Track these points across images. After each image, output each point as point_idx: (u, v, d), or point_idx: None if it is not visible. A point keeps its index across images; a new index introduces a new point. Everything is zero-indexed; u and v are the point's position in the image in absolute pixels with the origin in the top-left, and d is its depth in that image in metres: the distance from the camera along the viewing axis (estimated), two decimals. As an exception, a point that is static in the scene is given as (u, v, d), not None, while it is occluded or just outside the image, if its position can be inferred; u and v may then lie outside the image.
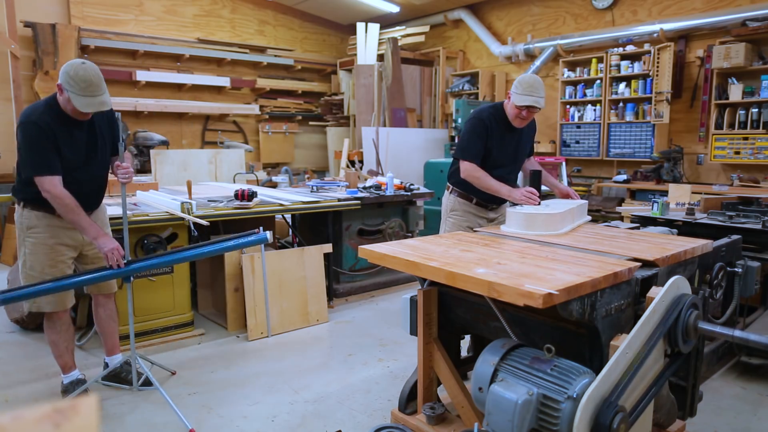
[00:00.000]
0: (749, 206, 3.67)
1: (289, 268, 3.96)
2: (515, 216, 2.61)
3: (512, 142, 3.11)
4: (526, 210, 2.61)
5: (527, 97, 2.87)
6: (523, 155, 3.27)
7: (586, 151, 7.06)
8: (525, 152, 3.27)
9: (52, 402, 0.47)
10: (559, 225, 2.55)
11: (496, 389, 1.70)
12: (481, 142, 3.01)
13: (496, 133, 3.03)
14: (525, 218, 2.57)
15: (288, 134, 9.11)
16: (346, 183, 5.17)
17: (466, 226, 3.13)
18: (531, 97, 2.87)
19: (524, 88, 2.88)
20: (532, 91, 2.87)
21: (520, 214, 2.59)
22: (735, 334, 1.78)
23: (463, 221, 3.20)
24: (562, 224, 2.57)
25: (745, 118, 5.66)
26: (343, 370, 3.25)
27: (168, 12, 8.03)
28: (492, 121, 3.02)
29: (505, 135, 3.07)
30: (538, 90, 2.88)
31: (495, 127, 3.02)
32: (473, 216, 3.20)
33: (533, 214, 2.56)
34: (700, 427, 2.56)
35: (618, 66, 6.63)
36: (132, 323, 2.84)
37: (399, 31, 8.48)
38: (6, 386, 3.02)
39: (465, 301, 2.27)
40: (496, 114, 3.05)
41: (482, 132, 3.01)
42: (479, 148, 3.01)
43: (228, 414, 2.73)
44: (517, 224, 2.60)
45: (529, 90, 2.87)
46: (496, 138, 3.03)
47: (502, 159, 3.09)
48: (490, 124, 3.01)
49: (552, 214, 2.54)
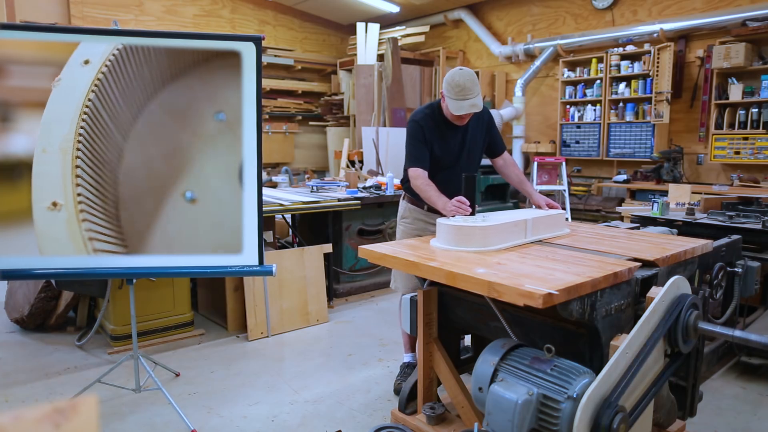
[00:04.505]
0: (749, 206, 3.67)
1: (289, 268, 3.96)
2: (441, 228, 2.29)
3: (456, 141, 2.83)
4: (452, 222, 2.27)
5: (462, 102, 2.57)
6: (476, 154, 2.95)
7: (586, 151, 7.06)
8: (478, 150, 2.95)
9: (52, 402, 0.47)
10: (495, 239, 2.19)
11: (496, 389, 1.70)
12: (421, 145, 2.77)
13: (435, 134, 2.78)
14: (449, 231, 2.24)
15: (288, 134, 9.11)
16: (346, 183, 5.17)
17: (416, 234, 2.87)
18: (466, 101, 2.57)
19: (456, 92, 2.56)
20: (465, 94, 2.56)
21: (444, 226, 2.27)
22: (735, 334, 1.78)
23: (413, 229, 2.94)
24: (500, 238, 2.21)
25: (745, 118, 5.67)
26: (343, 370, 3.25)
27: (168, 12, 8.04)
28: (428, 121, 2.78)
29: (446, 134, 2.80)
30: (471, 89, 2.57)
31: (432, 127, 2.77)
32: (424, 223, 2.91)
33: (460, 226, 2.21)
34: (700, 427, 2.55)
35: (618, 66, 6.63)
36: (134, 324, 2.84)
37: (399, 31, 8.49)
38: (6, 386, 3.02)
39: (465, 301, 2.27)
40: (432, 113, 2.80)
41: (419, 134, 2.77)
42: (421, 152, 2.77)
43: (228, 414, 2.73)
44: (444, 237, 2.27)
45: (462, 93, 2.56)
46: (435, 138, 2.78)
47: (446, 160, 2.83)
48: (426, 125, 2.77)
49: (483, 227, 2.18)
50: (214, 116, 2.60)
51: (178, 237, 2.61)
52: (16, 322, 3.85)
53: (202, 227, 2.63)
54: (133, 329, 2.84)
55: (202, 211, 2.61)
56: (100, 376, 2.88)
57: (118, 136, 2.52)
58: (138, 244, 2.60)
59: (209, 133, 2.59)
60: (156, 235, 2.60)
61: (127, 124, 2.52)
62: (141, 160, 2.55)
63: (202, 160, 2.60)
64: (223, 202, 2.64)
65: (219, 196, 2.60)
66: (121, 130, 2.53)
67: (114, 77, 2.46)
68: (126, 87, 2.49)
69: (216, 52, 2.57)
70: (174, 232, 2.60)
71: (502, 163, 3.05)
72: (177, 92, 2.54)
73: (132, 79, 2.49)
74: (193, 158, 2.59)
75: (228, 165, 2.62)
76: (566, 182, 6.63)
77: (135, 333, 2.85)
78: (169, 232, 2.60)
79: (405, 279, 2.90)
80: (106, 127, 2.49)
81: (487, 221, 2.25)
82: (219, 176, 2.60)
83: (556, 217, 2.57)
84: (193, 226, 2.61)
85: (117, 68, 2.46)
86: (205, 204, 2.60)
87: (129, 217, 2.57)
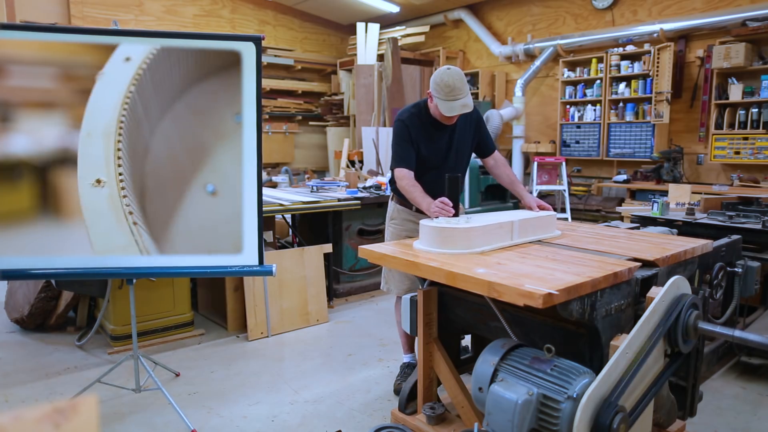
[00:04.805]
0: (749, 206, 3.67)
1: (289, 268, 3.96)
2: (423, 230, 2.26)
3: (443, 141, 2.78)
4: (435, 223, 2.23)
5: (453, 103, 2.52)
6: (465, 154, 2.89)
7: (586, 151, 7.06)
8: (467, 150, 2.90)
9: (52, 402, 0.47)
10: (479, 241, 2.14)
11: (496, 389, 1.70)
12: (407, 145, 2.72)
13: (421, 133, 2.73)
14: (431, 232, 2.20)
15: (288, 134, 9.11)
16: (346, 183, 5.17)
17: (405, 236, 2.83)
18: (457, 101, 2.52)
19: (446, 92, 2.51)
20: (456, 94, 2.51)
21: (426, 228, 2.23)
22: (735, 334, 1.78)
23: (401, 230, 2.89)
24: (483, 240, 2.16)
25: (745, 118, 5.67)
26: (343, 370, 3.25)
27: (168, 12, 8.04)
28: (414, 120, 2.73)
29: (433, 134, 2.75)
30: (461, 89, 2.52)
31: (418, 126, 2.72)
32: (413, 224, 2.82)
33: (442, 228, 2.17)
34: (700, 427, 2.56)
35: (618, 66, 6.64)
36: (134, 324, 2.84)
37: (399, 31, 8.49)
38: (6, 386, 3.02)
39: (465, 301, 2.27)
40: (418, 113, 2.75)
41: (405, 134, 2.72)
42: (407, 152, 2.72)
43: (228, 414, 2.73)
44: (426, 239, 2.23)
45: (453, 93, 2.51)
46: (421, 138, 2.73)
47: (433, 160, 2.78)
48: (411, 124, 2.72)
49: (466, 228, 2.13)
50: (234, 117, 2.80)
51: (199, 228, 2.79)
52: (16, 322, 3.85)
53: (223, 217, 2.80)
54: (133, 329, 2.84)
55: (223, 203, 2.81)
56: (100, 376, 2.88)
57: (146, 131, 2.73)
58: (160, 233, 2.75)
59: (229, 132, 2.81)
60: (179, 225, 2.76)
61: (155, 120, 2.73)
62: (166, 154, 2.76)
63: (222, 156, 2.80)
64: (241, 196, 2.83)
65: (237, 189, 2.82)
66: (150, 125, 2.73)
67: (151, 75, 2.69)
68: (159, 85, 2.71)
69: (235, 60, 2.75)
70: (195, 223, 2.78)
71: (493, 163, 2.98)
72: (201, 95, 2.77)
73: (164, 79, 2.71)
74: (215, 154, 2.81)
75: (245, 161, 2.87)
76: (566, 182, 6.63)
77: (135, 333, 2.85)
78: (190, 222, 2.78)
79: (397, 281, 2.89)
80: (141, 120, 2.71)
81: (471, 223, 2.21)
82: (237, 171, 2.81)
83: (545, 219, 2.50)
84: (213, 218, 2.80)
85: (153, 67, 2.68)
86: (225, 196, 2.80)
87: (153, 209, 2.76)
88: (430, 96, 2.64)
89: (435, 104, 2.61)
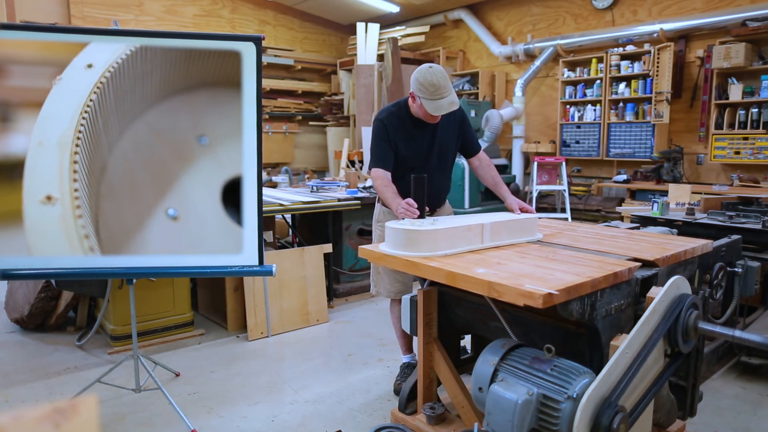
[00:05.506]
0: (749, 206, 3.67)
1: (289, 268, 3.96)
2: (388, 232, 2.21)
3: (425, 141, 2.73)
4: (399, 225, 2.18)
5: (440, 101, 2.48)
6: (448, 154, 2.84)
7: (586, 151, 7.06)
8: (451, 150, 2.84)
9: (52, 402, 0.47)
10: (444, 244, 2.09)
11: (496, 389, 1.70)
12: (384, 145, 2.68)
13: (401, 133, 2.68)
14: (395, 234, 2.15)
15: (288, 134, 9.11)
16: (346, 183, 5.17)
17: None
18: (443, 99, 2.48)
19: (431, 92, 2.46)
20: (441, 93, 2.46)
21: (390, 229, 2.18)
22: (735, 334, 1.78)
23: None
24: (449, 243, 2.10)
25: (745, 118, 5.67)
26: (343, 370, 3.25)
27: (168, 12, 8.04)
28: (392, 120, 2.69)
29: (414, 133, 2.70)
30: (446, 87, 2.47)
31: (397, 126, 2.68)
32: None
33: (406, 229, 2.12)
34: (700, 427, 2.56)
35: (618, 66, 6.63)
36: (134, 324, 2.84)
37: (399, 31, 8.49)
38: (6, 386, 3.02)
39: (465, 301, 2.27)
40: (398, 112, 2.70)
41: (383, 134, 2.68)
42: (384, 152, 2.68)
43: (228, 414, 2.73)
44: (391, 241, 2.19)
45: (438, 92, 2.46)
46: (401, 138, 2.69)
47: (414, 160, 2.72)
48: (390, 123, 2.68)
49: (431, 230, 2.08)
50: (199, 140, 2.62)
51: (158, 251, 2.62)
52: (16, 322, 3.85)
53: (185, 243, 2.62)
54: (133, 329, 2.84)
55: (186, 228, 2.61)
56: (100, 376, 2.88)
57: (105, 147, 2.52)
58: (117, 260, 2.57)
59: (194, 155, 2.61)
60: (137, 251, 2.58)
61: (114, 136, 2.52)
62: (124, 175, 2.55)
63: (186, 179, 2.61)
64: (205, 221, 2.65)
65: (201, 214, 2.62)
66: (109, 142, 2.53)
67: (113, 86, 2.50)
68: (120, 100, 2.51)
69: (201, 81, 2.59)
70: (154, 249, 2.60)
71: (478, 164, 2.92)
72: (161, 115, 2.57)
73: (126, 94, 2.52)
74: (177, 177, 2.60)
75: (210, 186, 2.64)
76: (566, 182, 6.63)
77: (135, 333, 2.85)
78: (149, 248, 2.59)
79: (386, 283, 2.87)
80: (100, 135, 2.50)
81: (437, 225, 2.16)
82: (202, 196, 2.61)
83: (524, 222, 2.39)
84: (175, 244, 2.60)
85: (116, 79, 2.48)
86: (188, 221, 2.61)
87: (109, 235, 2.55)
88: (413, 96, 2.58)
89: (419, 104, 2.55)
